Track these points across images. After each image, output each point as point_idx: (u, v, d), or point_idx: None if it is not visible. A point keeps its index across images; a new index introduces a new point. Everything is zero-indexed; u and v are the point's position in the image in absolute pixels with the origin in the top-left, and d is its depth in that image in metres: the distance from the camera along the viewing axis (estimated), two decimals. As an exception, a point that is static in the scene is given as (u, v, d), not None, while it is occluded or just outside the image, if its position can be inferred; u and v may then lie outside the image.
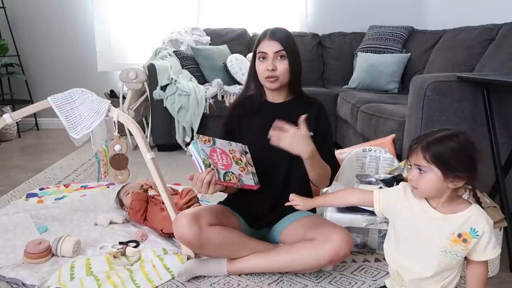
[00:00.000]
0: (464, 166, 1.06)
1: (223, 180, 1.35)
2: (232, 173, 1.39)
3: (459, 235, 1.09)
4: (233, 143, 1.49)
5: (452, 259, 1.11)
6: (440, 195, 1.10)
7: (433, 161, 1.06)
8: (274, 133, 1.32)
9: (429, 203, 1.13)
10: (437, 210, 1.12)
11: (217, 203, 1.70)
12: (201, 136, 1.42)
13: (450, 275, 1.14)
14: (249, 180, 1.43)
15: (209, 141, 1.42)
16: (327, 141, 1.57)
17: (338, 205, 1.48)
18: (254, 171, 1.47)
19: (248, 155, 1.50)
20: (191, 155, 1.42)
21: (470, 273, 1.15)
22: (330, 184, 1.58)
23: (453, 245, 1.10)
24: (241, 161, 1.45)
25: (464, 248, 1.10)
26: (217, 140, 1.45)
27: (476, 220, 1.09)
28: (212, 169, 1.34)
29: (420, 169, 1.09)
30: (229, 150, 1.45)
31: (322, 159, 1.44)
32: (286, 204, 1.35)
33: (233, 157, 1.44)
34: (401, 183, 1.23)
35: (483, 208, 1.13)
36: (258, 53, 1.50)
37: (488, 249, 1.10)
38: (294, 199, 1.34)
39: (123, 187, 2.08)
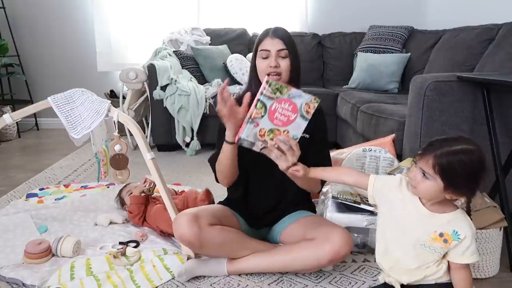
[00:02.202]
0: (468, 187, 1.08)
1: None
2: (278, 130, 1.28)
3: (441, 234, 1.14)
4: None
5: (430, 254, 1.16)
6: (434, 199, 1.14)
7: (440, 174, 1.07)
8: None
9: (420, 199, 1.17)
10: (425, 207, 1.16)
11: (217, 203, 1.70)
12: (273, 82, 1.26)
13: (428, 268, 1.18)
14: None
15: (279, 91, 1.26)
16: (323, 145, 1.57)
17: (334, 180, 1.47)
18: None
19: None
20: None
21: (455, 277, 1.18)
22: (322, 186, 1.58)
23: (432, 242, 1.15)
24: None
25: (443, 247, 1.14)
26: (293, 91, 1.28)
27: (460, 224, 1.13)
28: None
29: (424, 174, 1.10)
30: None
31: (316, 162, 1.42)
32: (291, 169, 1.31)
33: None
34: (398, 175, 1.26)
35: (470, 216, 1.17)
36: (260, 51, 1.49)
37: (466, 254, 1.14)
38: (297, 165, 1.32)
39: (125, 186, 2.08)
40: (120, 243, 1.73)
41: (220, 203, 1.69)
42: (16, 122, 2.51)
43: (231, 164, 1.47)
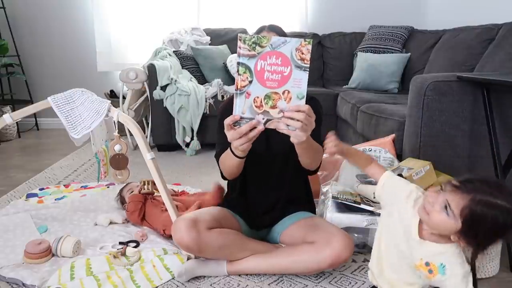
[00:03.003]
0: (484, 242, 0.99)
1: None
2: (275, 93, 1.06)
3: (427, 264, 1.06)
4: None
5: (414, 274, 1.10)
6: (438, 233, 1.05)
7: (465, 219, 0.96)
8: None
9: (419, 223, 1.08)
10: (418, 234, 1.07)
11: (217, 205, 1.69)
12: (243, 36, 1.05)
13: (412, 286, 1.12)
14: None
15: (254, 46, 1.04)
16: (315, 137, 1.54)
17: (360, 166, 1.31)
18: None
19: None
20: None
21: None
22: (319, 166, 1.53)
23: (418, 268, 1.08)
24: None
25: (428, 276, 1.07)
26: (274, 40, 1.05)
27: (450, 259, 1.04)
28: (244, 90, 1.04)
29: (447, 208, 0.98)
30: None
31: None
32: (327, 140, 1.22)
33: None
34: (411, 186, 1.16)
35: (474, 276, 1.04)
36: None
37: None
38: (330, 136, 1.22)
39: (126, 185, 2.09)
40: (120, 243, 1.73)
41: (220, 205, 1.68)
42: (16, 122, 2.51)
43: (238, 171, 1.45)
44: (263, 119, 1.08)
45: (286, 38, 1.05)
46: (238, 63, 1.05)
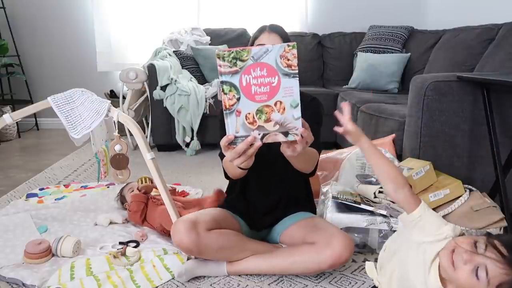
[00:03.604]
0: None
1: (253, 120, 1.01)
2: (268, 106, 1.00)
3: None
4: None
5: None
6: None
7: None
8: None
9: (439, 270, 1.00)
10: (441, 282, 0.99)
11: (217, 206, 1.69)
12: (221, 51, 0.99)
13: None
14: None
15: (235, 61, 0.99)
16: (314, 133, 1.53)
17: (376, 172, 1.20)
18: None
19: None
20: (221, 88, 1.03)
21: None
22: (315, 169, 1.52)
23: None
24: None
25: None
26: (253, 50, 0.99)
27: None
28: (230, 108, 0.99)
29: (477, 270, 0.90)
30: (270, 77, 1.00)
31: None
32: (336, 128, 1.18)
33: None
34: (448, 231, 1.03)
35: None
36: (257, 45, 1.48)
37: None
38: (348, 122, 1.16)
39: (127, 184, 2.09)
40: (120, 243, 1.73)
41: (220, 206, 1.68)
42: (16, 122, 2.51)
43: (243, 174, 1.43)
44: (259, 134, 1.03)
45: (268, 46, 0.99)
46: (222, 82, 0.99)
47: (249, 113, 1.01)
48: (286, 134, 1.03)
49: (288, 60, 0.97)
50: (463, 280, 0.92)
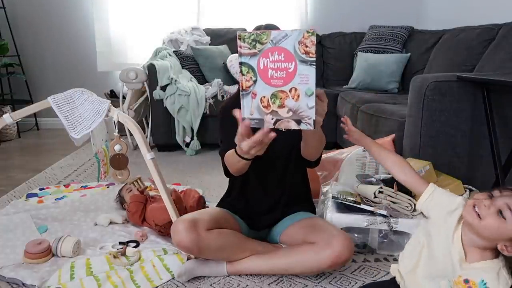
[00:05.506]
0: None
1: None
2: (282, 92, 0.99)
3: (466, 281, 1.01)
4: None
5: None
6: (486, 242, 1.00)
7: None
8: None
9: (462, 240, 1.03)
10: (464, 251, 1.02)
11: (216, 206, 1.69)
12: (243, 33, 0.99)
13: None
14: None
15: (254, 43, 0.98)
16: None
17: (383, 163, 1.28)
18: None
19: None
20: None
21: None
22: (319, 159, 1.52)
23: (456, 284, 1.04)
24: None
25: None
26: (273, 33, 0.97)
27: (492, 275, 0.99)
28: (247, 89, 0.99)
29: (502, 212, 0.95)
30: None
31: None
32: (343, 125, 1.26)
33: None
34: (460, 198, 1.09)
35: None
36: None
37: None
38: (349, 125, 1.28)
39: (125, 185, 2.09)
40: (120, 243, 1.73)
41: (219, 206, 1.68)
42: (16, 122, 2.51)
43: (246, 167, 1.40)
44: (272, 119, 1.01)
45: (287, 31, 0.96)
46: (240, 63, 0.99)
47: (264, 97, 1.00)
48: (298, 122, 1.01)
49: (307, 46, 0.95)
50: (492, 225, 0.95)
